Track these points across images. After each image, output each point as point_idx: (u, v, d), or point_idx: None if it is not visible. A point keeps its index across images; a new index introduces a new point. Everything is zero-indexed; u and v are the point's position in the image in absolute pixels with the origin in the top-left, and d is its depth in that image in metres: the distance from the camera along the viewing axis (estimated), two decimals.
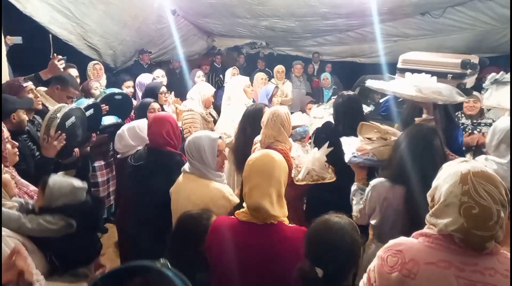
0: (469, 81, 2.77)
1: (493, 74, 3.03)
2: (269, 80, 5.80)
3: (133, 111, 3.80)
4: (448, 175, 1.24)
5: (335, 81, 6.78)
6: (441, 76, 2.85)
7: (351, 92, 3.10)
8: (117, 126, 3.25)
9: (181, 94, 4.41)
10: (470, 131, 4.07)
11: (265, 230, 1.59)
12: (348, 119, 2.73)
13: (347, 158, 2.23)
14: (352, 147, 2.27)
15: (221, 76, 6.99)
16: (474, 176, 1.18)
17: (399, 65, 3.13)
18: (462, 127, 4.12)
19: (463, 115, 4.19)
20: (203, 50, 8.63)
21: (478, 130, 4.05)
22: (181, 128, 3.36)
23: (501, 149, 2.14)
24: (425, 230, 1.28)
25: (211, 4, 6.07)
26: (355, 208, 2.13)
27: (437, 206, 1.23)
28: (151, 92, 3.83)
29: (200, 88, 3.81)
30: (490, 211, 1.14)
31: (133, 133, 2.89)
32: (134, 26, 6.21)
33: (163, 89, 3.92)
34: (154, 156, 2.46)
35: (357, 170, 2.23)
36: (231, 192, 2.18)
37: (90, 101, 3.16)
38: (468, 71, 2.70)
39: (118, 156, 3.09)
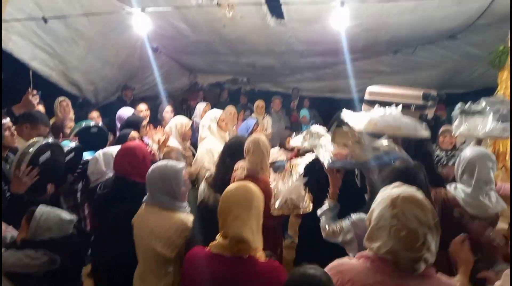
0: (430, 113, 2.94)
1: (459, 104, 3.18)
2: (249, 116, 5.94)
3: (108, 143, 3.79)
4: (381, 199, 1.30)
5: (313, 115, 6.95)
6: (405, 107, 3.02)
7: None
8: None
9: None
10: (444, 163, 4.20)
11: (237, 264, 1.57)
12: None
13: (326, 164, 2.23)
14: (327, 153, 2.28)
15: None
16: (403, 200, 1.25)
17: (366, 97, 3.30)
18: (437, 158, 4.26)
19: (437, 147, 4.34)
20: (186, 86, 8.77)
21: (452, 162, 4.19)
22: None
23: (465, 178, 2.23)
24: (365, 252, 1.33)
25: (193, 42, 6.27)
26: (324, 224, 2.12)
27: (370, 229, 1.29)
28: (133, 124, 3.84)
29: (176, 122, 3.85)
30: (417, 233, 1.20)
31: (108, 159, 2.87)
32: (116, 63, 6.31)
33: (145, 121, 3.95)
34: (119, 186, 2.41)
35: (333, 179, 2.22)
36: None
37: (73, 144, 3.13)
38: (429, 103, 2.87)
39: (90, 185, 3.02)
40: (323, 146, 2.35)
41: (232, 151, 2.95)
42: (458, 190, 2.23)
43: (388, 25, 4.99)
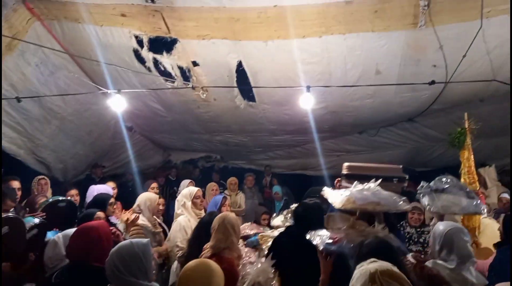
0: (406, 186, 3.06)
1: (423, 184, 3.33)
2: (222, 192, 5.90)
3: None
4: (360, 275, 1.31)
5: (286, 192, 7.01)
6: (386, 180, 3.10)
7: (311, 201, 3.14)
8: None
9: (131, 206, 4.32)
10: (416, 240, 4.23)
11: None
12: (309, 225, 2.71)
13: (321, 247, 2.16)
14: (323, 237, 2.22)
15: (175, 188, 7.00)
16: (381, 274, 1.27)
17: (344, 172, 3.35)
18: (408, 235, 4.30)
19: (407, 224, 4.40)
20: (159, 163, 8.77)
21: (423, 238, 4.23)
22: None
23: (444, 254, 2.23)
24: None
25: (167, 121, 6.44)
26: None
27: None
28: (100, 202, 3.73)
29: (144, 198, 3.79)
30: None
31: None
32: (88, 141, 6.32)
33: (112, 200, 3.86)
34: (76, 273, 2.22)
35: (324, 264, 2.14)
36: None
37: (36, 220, 2.97)
38: (407, 176, 3.00)
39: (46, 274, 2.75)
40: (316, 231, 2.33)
41: (206, 228, 2.87)
42: (439, 265, 2.23)
43: (351, 108, 5.38)
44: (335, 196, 2.55)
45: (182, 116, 6.14)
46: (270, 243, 3.16)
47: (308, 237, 2.25)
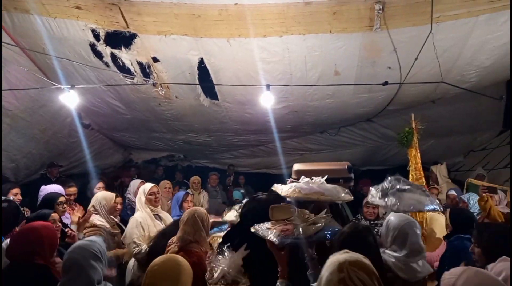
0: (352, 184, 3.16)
1: (385, 184, 3.43)
2: (185, 191, 5.85)
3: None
4: (329, 264, 1.32)
5: (247, 193, 7.03)
6: (333, 181, 3.21)
7: (262, 196, 3.15)
8: None
9: None
10: None
11: None
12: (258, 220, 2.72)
13: (276, 241, 2.10)
14: (272, 230, 2.17)
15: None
16: (349, 264, 1.28)
17: (293, 176, 3.43)
18: (379, 234, 4.45)
19: (362, 217, 4.55)
20: (119, 163, 8.51)
21: (376, 230, 4.39)
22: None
23: (396, 246, 2.31)
24: None
25: (127, 119, 6.28)
26: None
27: None
28: (48, 202, 3.60)
29: (99, 197, 3.68)
30: None
31: None
32: (43, 140, 6.02)
33: (61, 199, 3.69)
34: (18, 271, 2.16)
35: (279, 257, 2.12)
36: None
37: None
38: (352, 175, 3.11)
39: None
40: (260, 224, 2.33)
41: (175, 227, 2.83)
42: (387, 255, 2.31)
43: (311, 108, 5.50)
44: (283, 188, 2.60)
45: (143, 113, 6.01)
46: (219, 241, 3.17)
47: (253, 230, 2.26)
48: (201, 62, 4.62)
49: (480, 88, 4.93)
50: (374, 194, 3.01)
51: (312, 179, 2.82)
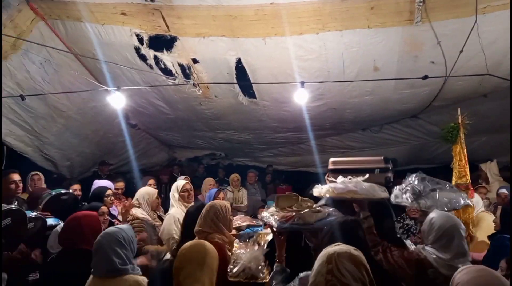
0: (391, 176, 3.09)
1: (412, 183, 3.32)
2: (225, 188, 6.04)
3: None
4: (320, 256, 1.35)
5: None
6: (369, 172, 3.17)
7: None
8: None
9: None
10: (414, 231, 4.24)
11: None
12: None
13: (274, 225, 2.27)
14: (274, 216, 2.32)
15: None
16: (338, 256, 1.30)
17: (330, 167, 3.44)
18: (407, 227, 4.31)
19: (407, 216, 4.41)
20: (164, 162, 8.90)
21: (415, 228, 4.23)
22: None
23: (440, 245, 2.22)
24: None
25: (170, 119, 6.55)
26: None
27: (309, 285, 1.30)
28: (97, 196, 3.92)
29: (142, 192, 3.89)
30: None
31: None
32: (95, 139, 6.46)
33: (109, 192, 3.98)
34: (65, 255, 2.40)
35: (278, 241, 2.26)
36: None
37: (33, 214, 3.08)
38: (390, 166, 3.03)
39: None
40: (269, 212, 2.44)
41: (193, 218, 2.93)
42: (428, 251, 2.23)
43: (350, 105, 5.40)
44: (318, 189, 2.62)
45: (185, 113, 6.23)
46: (268, 238, 3.23)
47: (259, 217, 2.37)
48: (239, 61, 4.71)
49: None
50: (398, 195, 2.90)
51: (349, 178, 2.80)
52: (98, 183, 4.72)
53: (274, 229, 2.29)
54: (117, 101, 4.36)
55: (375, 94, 5.05)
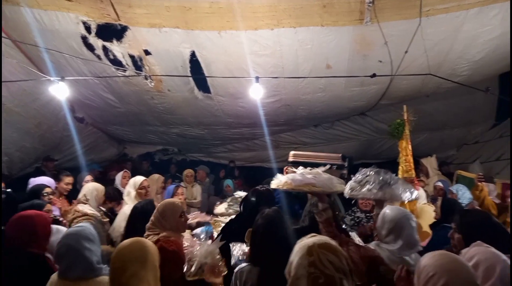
0: (346, 173, 3.21)
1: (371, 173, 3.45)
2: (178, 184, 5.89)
3: None
4: (298, 249, 1.33)
5: (240, 185, 7.08)
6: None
7: (261, 188, 3.19)
8: None
9: None
10: (364, 223, 4.42)
11: None
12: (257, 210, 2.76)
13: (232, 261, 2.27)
14: (240, 250, 2.32)
15: None
16: (318, 247, 1.29)
17: (290, 159, 3.53)
18: (358, 220, 4.49)
19: (358, 209, 4.59)
20: (114, 157, 8.51)
21: (372, 222, 4.42)
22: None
23: (391, 237, 2.32)
24: None
25: (120, 113, 6.28)
26: None
27: (290, 281, 1.29)
28: (34, 193, 3.67)
29: (89, 188, 3.69)
30: (333, 279, 1.23)
31: None
32: (37, 134, 6.01)
33: (47, 190, 3.74)
34: (11, 258, 2.19)
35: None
36: None
37: None
38: (346, 163, 3.15)
39: None
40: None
41: (140, 215, 2.84)
42: (382, 249, 2.33)
43: (304, 101, 5.51)
44: (276, 180, 2.64)
45: (136, 107, 6.01)
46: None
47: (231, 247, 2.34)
48: (193, 55, 4.62)
49: (472, 82, 4.95)
50: (354, 187, 3.00)
51: (309, 169, 2.85)
52: (36, 180, 4.38)
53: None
54: (61, 92, 4.08)
55: (327, 91, 5.19)
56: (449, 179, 5.53)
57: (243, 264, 1.95)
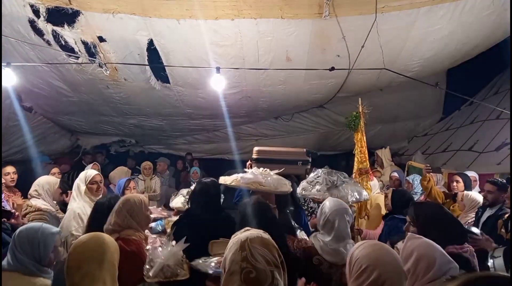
0: (309, 168, 3.28)
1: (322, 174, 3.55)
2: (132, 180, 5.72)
3: None
4: (232, 244, 1.33)
5: (203, 176, 7.00)
6: (292, 163, 3.32)
7: (209, 179, 3.16)
8: None
9: None
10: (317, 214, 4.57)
11: None
12: (206, 203, 2.66)
13: (210, 271, 2.17)
14: (211, 262, 2.25)
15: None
16: (251, 242, 1.30)
17: (254, 156, 3.51)
18: (311, 210, 4.61)
19: (311, 200, 4.71)
20: (66, 149, 8.09)
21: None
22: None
23: (325, 230, 2.40)
24: None
25: (72, 102, 5.96)
26: None
27: (224, 277, 1.28)
28: None
29: (41, 182, 3.47)
30: (265, 273, 1.25)
31: None
32: None
33: None
34: None
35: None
36: None
37: None
38: (310, 159, 3.22)
39: None
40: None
41: (102, 211, 2.71)
42: (318, 239, 2.41)
43: (264, 93, 5.54)
44: (224, 177, 2.66)
45: (90, 96, 5.74)
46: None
47: (194, 264, 2.29)
48: (151, 43, 4.47)
49: (421, 77, 5.23)
50: (306, 188, 3.08)
51: (265, 169, 2.87)
52: None
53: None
54: (6, 78, 3.80)
55: (287, 84, 5.26)
56: (401, 169, 5.84)
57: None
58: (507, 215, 3.12)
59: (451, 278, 0.88)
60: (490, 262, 2.35)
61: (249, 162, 3.78)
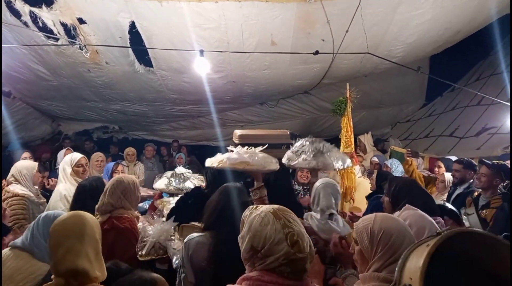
0: None
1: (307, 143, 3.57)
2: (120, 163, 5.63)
3: None
4: (261, 220, 1.34)
5: (192, 161, 6.97)
6: (276, 147, 3.32)
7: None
8: None
9: None
10: (302, 196, 4.61)
11: None
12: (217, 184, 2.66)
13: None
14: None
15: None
16: (279, 210, 1.36)
17: (236, 140, 3.48)
18: (296, 192, 4.66)
19: (295, 182, 4.75)
20: (48, 135, 7.91)
21: (308, 194, 4.62)
22: None
23: (315, 207, 2.45)
24: (246, 274, 1.34)
25: (53, 86, 5.81)
26: None
27: (266, 248, 1.30)
28: None
29: (19, 167, 3.40)
30: (302, 234, 1.32)
31: None
32: None
33: None
34: None
35: None
36: None
37: None
38: (294, 141, 3.22)
39: None
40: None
41: (87, 193, 2.70)
42: (313, 218, 2.45)
43: (249, 78, 5.51)
44: (211, 159, 2.64)
45: (71, 80, 5.60)
46: (170, 206, 3.13)
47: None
48: (133, 26, 4.37)
49: (405, 63, 5.27)
50: (291, 157, 3.09)
51: (250, 148, 2.87)
52: None
53: None
54: None
55: (272, 68, 5.24)
56: (384, 154, 5.93)
57: (194, 235, 1.94)
58: (476, 193, 3.39)
59: (436, 234, 0.95)
60: (464, 219, 2.50)
61: (230, 147, 3.75)
